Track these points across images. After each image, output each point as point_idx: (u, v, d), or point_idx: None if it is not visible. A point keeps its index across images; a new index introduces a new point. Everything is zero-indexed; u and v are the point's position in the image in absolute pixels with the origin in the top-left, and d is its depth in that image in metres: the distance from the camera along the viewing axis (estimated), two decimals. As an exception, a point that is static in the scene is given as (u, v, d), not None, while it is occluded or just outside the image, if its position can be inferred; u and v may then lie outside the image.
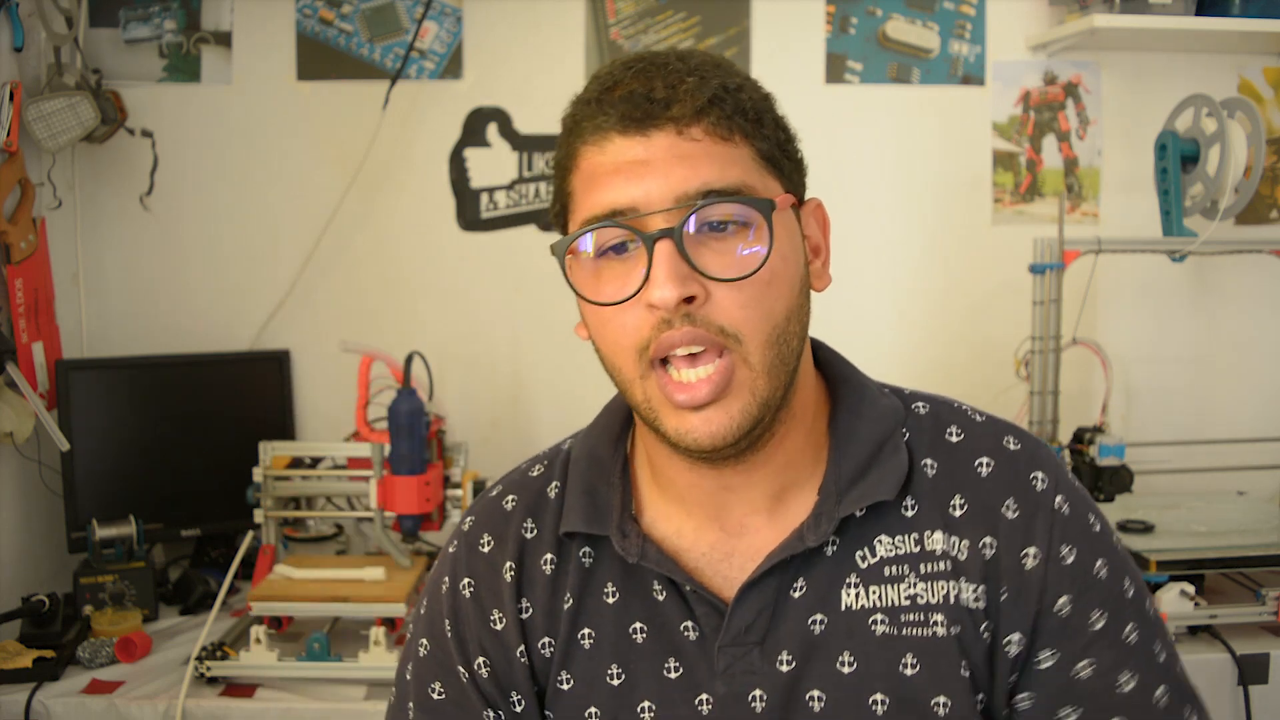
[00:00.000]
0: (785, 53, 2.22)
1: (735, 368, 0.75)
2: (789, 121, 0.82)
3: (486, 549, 0.89)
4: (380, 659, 1.57)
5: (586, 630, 0.84)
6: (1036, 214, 2.26)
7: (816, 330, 0.87)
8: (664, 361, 0.76)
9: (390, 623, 1.64)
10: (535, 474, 0.92)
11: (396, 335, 2.04)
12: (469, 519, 0.93)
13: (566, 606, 0.85)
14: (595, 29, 2.21)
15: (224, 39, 2.18)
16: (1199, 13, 2.08)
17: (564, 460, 0.91)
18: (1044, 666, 0.81)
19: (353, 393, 1.80)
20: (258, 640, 1.57)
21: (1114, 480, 1.83)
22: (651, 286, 0.73)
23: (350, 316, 2.20)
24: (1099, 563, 0.82)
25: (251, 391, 2.14)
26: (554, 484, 0.90)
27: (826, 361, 0.89)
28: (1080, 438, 1.87)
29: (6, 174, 1.86)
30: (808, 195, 0.85)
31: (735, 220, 0.75)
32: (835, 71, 2.23)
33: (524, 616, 0.86)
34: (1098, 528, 0.84)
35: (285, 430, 2.13)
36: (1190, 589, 1.65)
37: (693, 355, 0.75)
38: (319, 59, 2.19)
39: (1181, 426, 2.20)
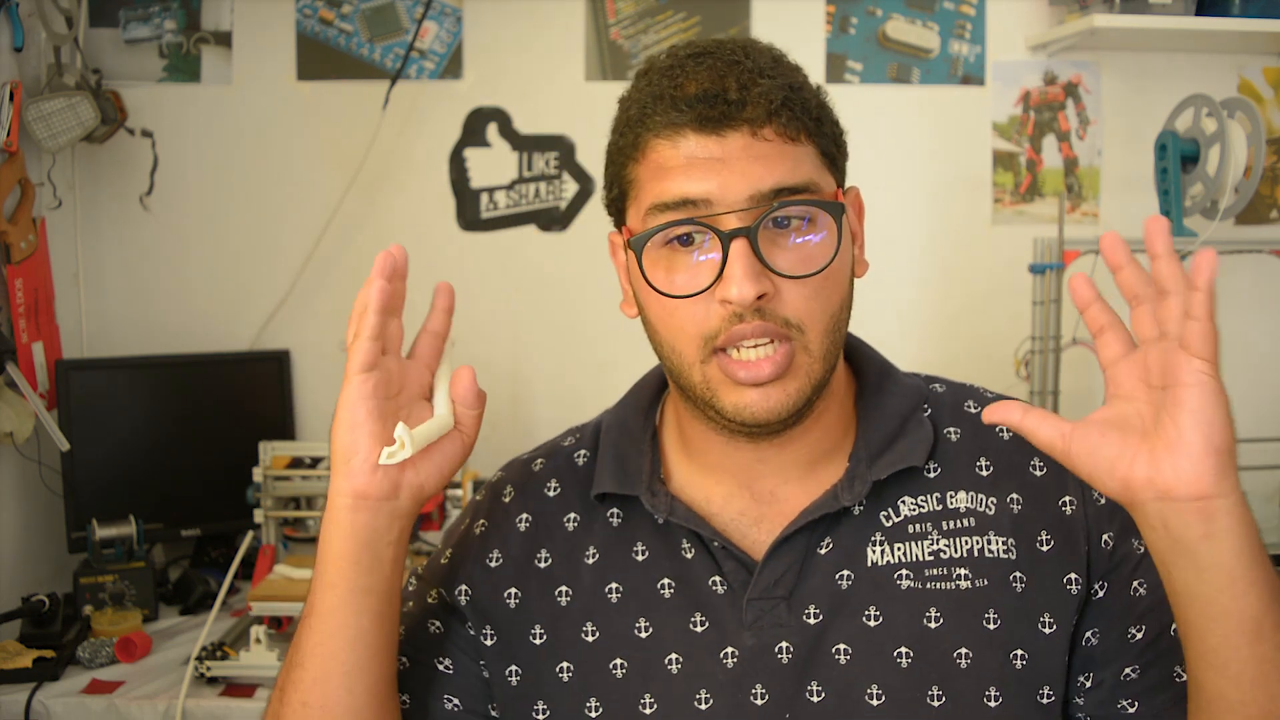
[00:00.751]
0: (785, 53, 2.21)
1: (796, 353, 0.79)
2: (837, 114, 0.85)
3: (507, 499, 0.93)
4: None
5: (614, 585, 0.86)
6: (1036, 214, 2.26)
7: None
8: (723, 349, 0.80)
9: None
10: (567, 443, 0.96)
11: (396, 335, 2.04)
12: (499, 473, 0.97)
13: (592, 561, 0.87)
14: (595, 29, 2.21)
15: (224, 39, 2.18)
16: (1199, 13, 2.08)
17: (595, 430, 0.95)
18: (1099, 596, 0.84)
19: (353, 393, 1.80)
20: (258, 640, 1.57)
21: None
22: (729, 284, 0.76)
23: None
24: (1122, 513, 0.83)
25: (251, 391, 2.14)
26: (583, 452, 0.94)
27: (853, 344, 0.93)
28: (1080, 438, 1.87)
29: (6, 174, 1.86)
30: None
31: (799, 216, 0.79)
32: (835, 71, 2.23)
33: (540, 565, 0.88)
34: None
35: (285, 430, 2.13)
36: (1190, 589, 1.64)
37: (756, 345, 0.79)
38: (319, 59, 2.19)
39: (1181, 426, 2.20)
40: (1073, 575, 0.83)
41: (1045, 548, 0.84)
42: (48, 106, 1.91)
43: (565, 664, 0.85)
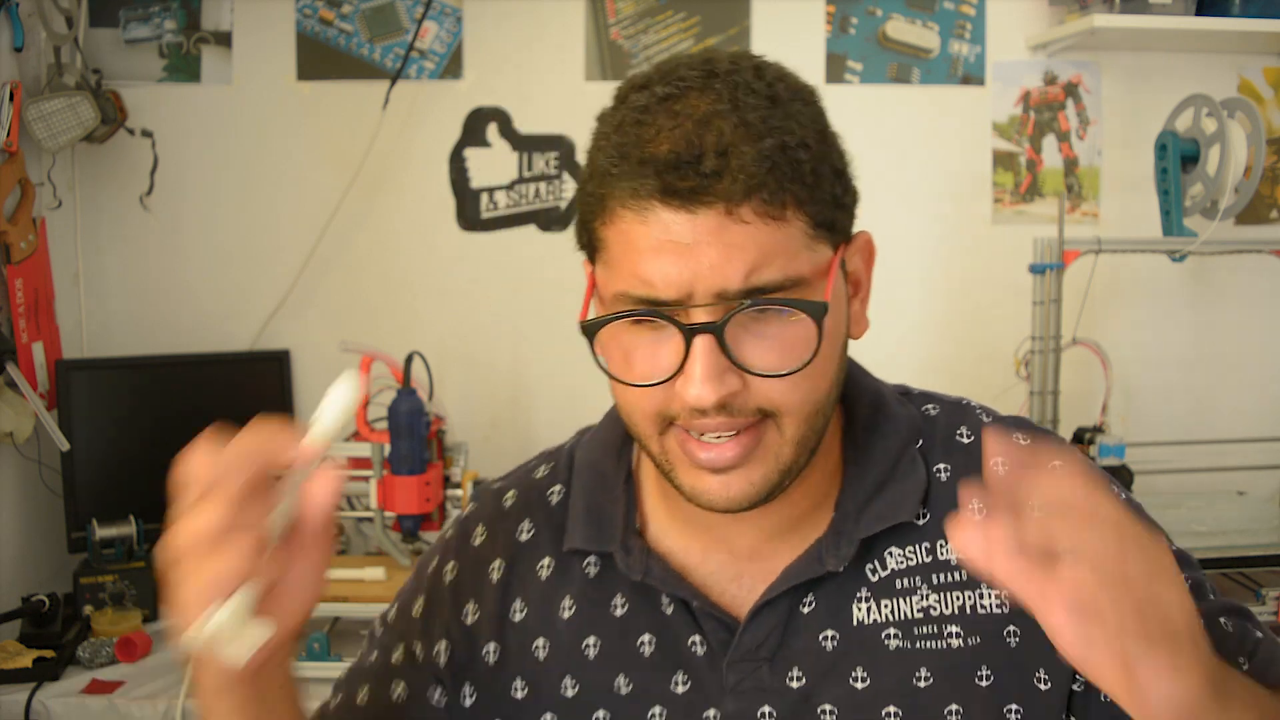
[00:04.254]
0: (785, 53, 2.17)
1: (765, 432, 0.72)
2: (843, 147, 0.76)
3: (478, 542, 0.88)
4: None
5: (592, 639, 0.82)
6: (1036, 214, 2.26)
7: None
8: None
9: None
10: (540, 475, 0.90)
11: (396, 335, 2.04)
12: (471, 506, 0.92)
13: (568, 615, 0.83)
14: (595, 29, 2.21)
15: (224, 39, 2.18)
16: (1199, 13, 2.08)
17: (568, 462, 0.89)
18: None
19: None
20: (258, 640, 1.57)
21: (1114, 480, 1.83)
22: (688, 383, 0.69)
23: (350, 316, 2.20)
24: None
25: (251, 391, 2.14)
26: (558, 487, 0.88)
27: (847, 375, 0.86)
28: (1080, 438, 1.88)
29: (6, 174, 1.86)
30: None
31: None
32: (835, 71, 2.23)
33: (515, 619, 0.84)
34: (1123, 496, 0.84)
35: (285, 430, 2.13)
36: (1190, 589, 1.65)
37: (720, 435, 0.72)
38: (319, 59, 2.19)
39: (1181, 426, 2.20)
40: (1027, 633, 0.77)
41: (1011, 606, 0.77)
42: (48, 106, 1.91)
43: (549, 715, 0.82)
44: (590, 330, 0.75)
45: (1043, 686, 0.77)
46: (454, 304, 2.22)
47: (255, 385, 2.14)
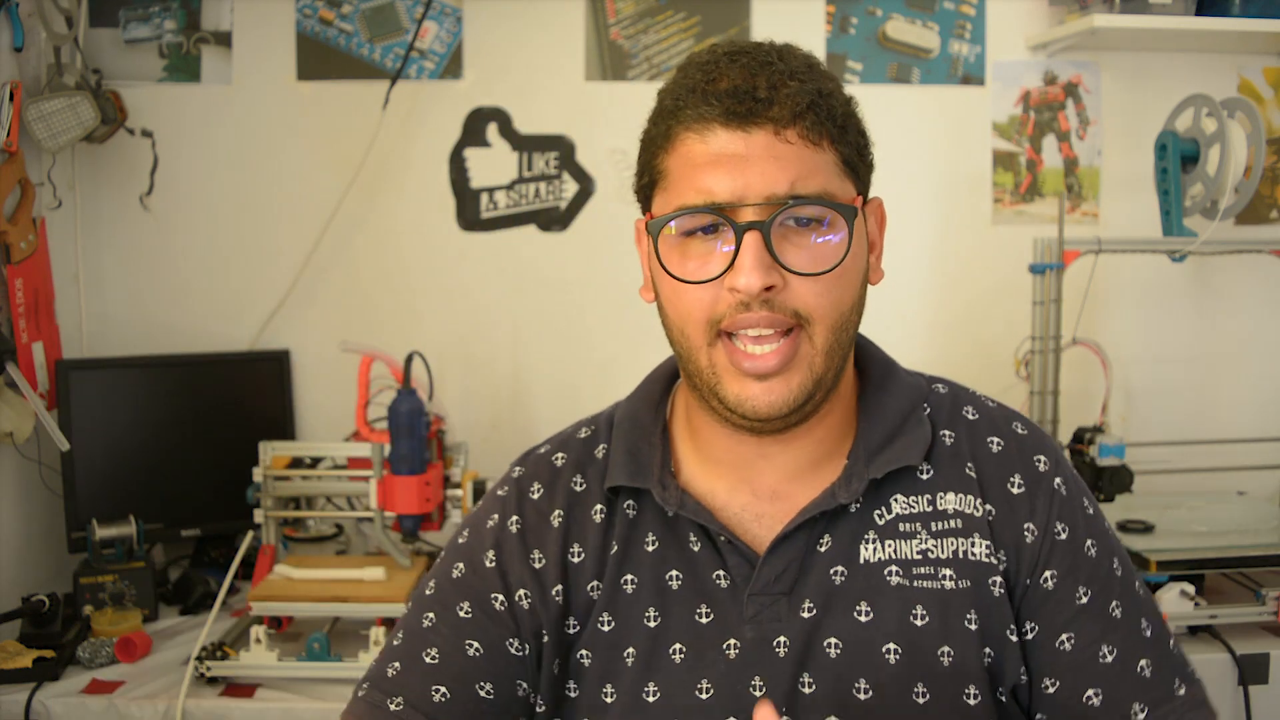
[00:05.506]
0: (785, 53, 2.21)
1: (800, 344, 0.82)
2: (865, 125, 0.89)
3: (536, 496, 0.94)
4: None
5: (629, 576, 0.89)
6: (1036, 214, 2.26)
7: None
8: (730, 335, 0.82)
9: (390, 623, 1.64)
10: (583, 435, 0.98)
11: (396, 335, 2.04)
12: (518, 469, 0.98)
13: (613, 553, 0.90)
14: (595, 29, 2.21)
15: (224, 39, 2.18)
16: (1199, 13, 2.08)
17: (608, 422, 0.97)
18: (1029, 639, 0.87)
19: (353, 393, 1.80)
20: (258, 640, 1.57)
21: (1114, 480, 1.83)
22: (738, 273, 0.79)
23: (350, 316, 2.20)
24: (1089, 542, 0.89)
25: (251, 391, 2.14)
26: (601, 445, 0.96)
27: (860, 347, 0.95)
28: (1080, 438, 1.88)
29: (6, 174, 1.86)
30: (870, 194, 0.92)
31: (817, 218, 0.82)
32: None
33: (574, 560, 0.90)
34: (1091, 511, 0.91)
35: (285, 430, 2.13)
36: (1190, 589, 1.65)
37: (760, 336, 0.81)
38: (319, 59, 2.19)
39: (1181, 426, 2.20)
40: (1006, 590, 0.87)
41: (1001, 565, 0.87)
42: (48, 106, 1.91)
43: (585, 652, 0.88)
44: (655, 229, 0.83)
45: (1012, 638, 0.86)
46: (454, 304, 2.22)
47: (255, 385, 2.14)
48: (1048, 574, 0.87)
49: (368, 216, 2.21)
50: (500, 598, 0.90)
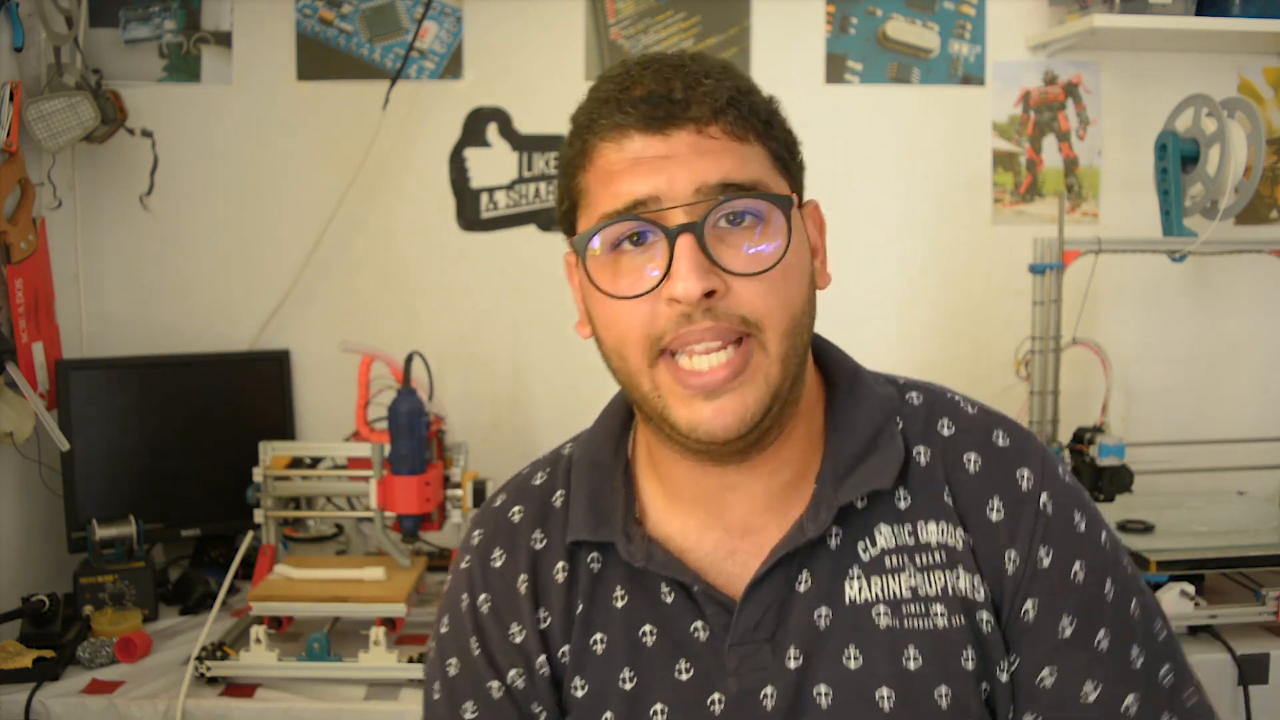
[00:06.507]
0: (785, 53, 2.22)
1: (752, 353, 0.76)
2: (790, 126, 0.83)
3: (499, 563, 0.89)
4: (380, 659, 1.56)
5: (598, 635, 0.84)
6: (1036, 214, 2.26)
7: (817, 331, 0.87)
8: (673, 353, 0.76)
9: (390, 623, 1.64)
10: (539, 481, 0.92)
11: (396, 335, 2.04)
12: (477, 533, 0.92)
13: (578, 612, 0.85)
14: (595, 29, 2.21)
15: (224, 39, 2.18)
16: (1199, 13, 2.08)
17: (565, 466, 0.91)
18: (1012, 671, 0.81)
19: (353, 393, 1.80)
20: (258, 640, 1.57)
21: (1114, 480, 1.83)
22: (674, 280, 0.73)
23: (350, 316, 2.20)
24: (1076, 565, 0.82)
25: (251, 391, 2.14)
26: (559, 492, 0.90)
27: (822, 351, 0.89)
28: (1080, 438, 1.87)
29: (6, 174, 1.86)
30: (807, 196, 0.86)
31: (752, 213, 0.76)
32: (835, 71, 2.23)
33: (543, 626, 0.86)
34: (1082, 527, 0.83)
35: (285, 430, 2.13)
36: (1190, 589, 1.65)
37: (708, 348, 0.75)
38: (319, 59, 2.19)
39: (1181, 426, 2.20)
40: (994, 622, 0.81)
41: (988, 597, 0.81)
42: (48, 106, 1.91)
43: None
44: (581, 245, 0.78)
45: (1002, 676, 0.81)
46: (454, 304, 2.22)
47: (255, 385, 2.14)
48: (1029, 604, 0.81)
49: (368, 216, 2.21)
50: (496, 684, 0.86)
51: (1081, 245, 1.89)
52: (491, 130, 2.22)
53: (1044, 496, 0.82)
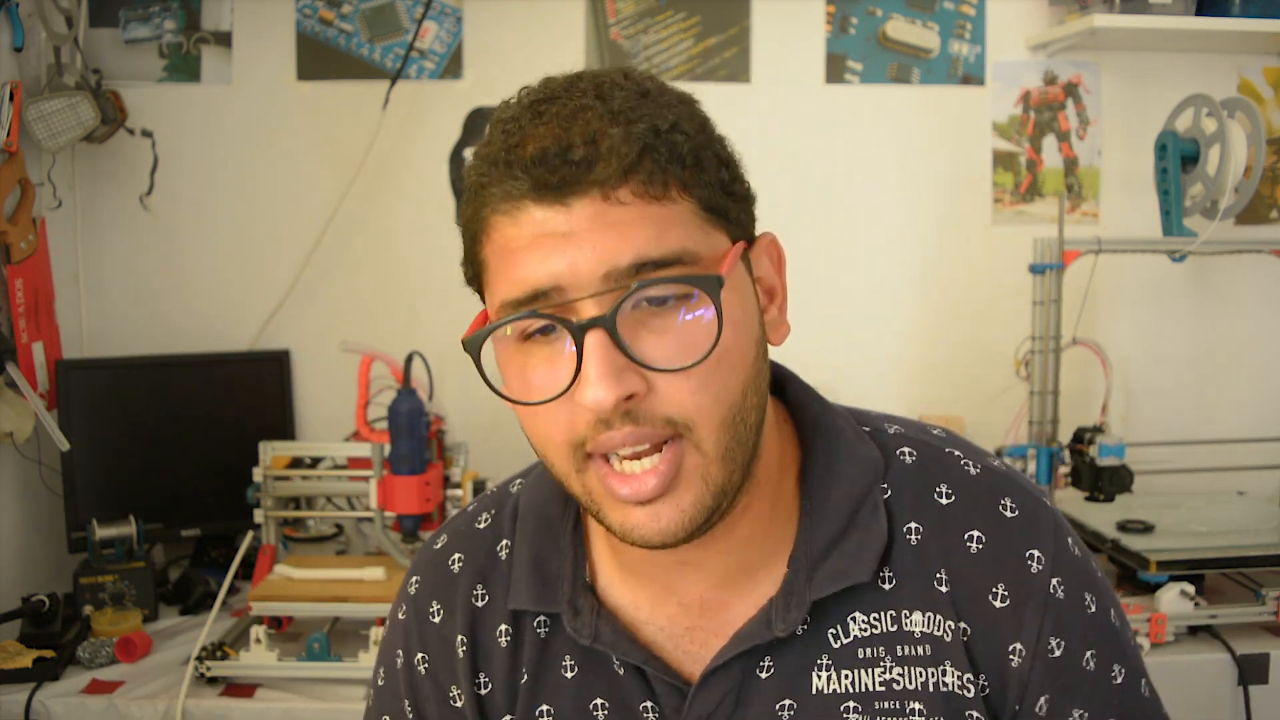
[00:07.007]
0: (785, 53, 2.22)
1: (685, 454, 0.66)
2: (731, 146, 0.71)
3: (437, 619, 0.82)
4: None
5: (545, 707, 0.78)
6: (1036, 214, 2.26)
7: (817, 333, 0.85)
8: (604, 455, 0.68)
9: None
10: (483, 525, 0.85)
11: (396, 335, 2.04)
12: (415, 579, 0.85)
13: (523, 682, 0.79)
14: (595, 29, 2.21)
15: (224, 39, 2.18)
16: (1199, 13, 2.08)
17: (513, 511, 0.83)
18: None
19: (353, 393, 1.80)
20: (258, 640, 1.57)
21: (1114, 480, 1.83)
22: (584, 387, 0.63)
23: (350, 316, 2.20)
24: (1088, 655, 0.75)
25: (251, 391, 2.14)
26: (504, 543, 0.82)
27: (797, 403, 0.79)
28: (1080, 438, 1.87)
29: (6, 174, 1.86)
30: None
31: (674, 296, 0.65)
32: (835, 71, 2.23)
33: (482, 693, 0.80)
34: (1093, 608, 0.76)
35: (285, 430, 2.13)
36: (1190, 589, 1.65)
37: (636, 452, 0.67)
38: (319, 59, 2.19)
39: (1181, 426, 2.20)
40: None
41: (986, 692, 0.74)
42: (48, 106, 1.91)
43: None
44: (473, 347, 0.69)
45: None
46: (454, 304, 2.20)
47: (255, 385, 2.14)
48: (1042, 700, 0.73)
49: (368, 216, 2.21)
50: None
51: (1081, 245, 1.89)
52: (491, 130, 2.21)
53: (1054, 582, 0.74)
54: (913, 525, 0.75)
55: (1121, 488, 1.84)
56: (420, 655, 0.83)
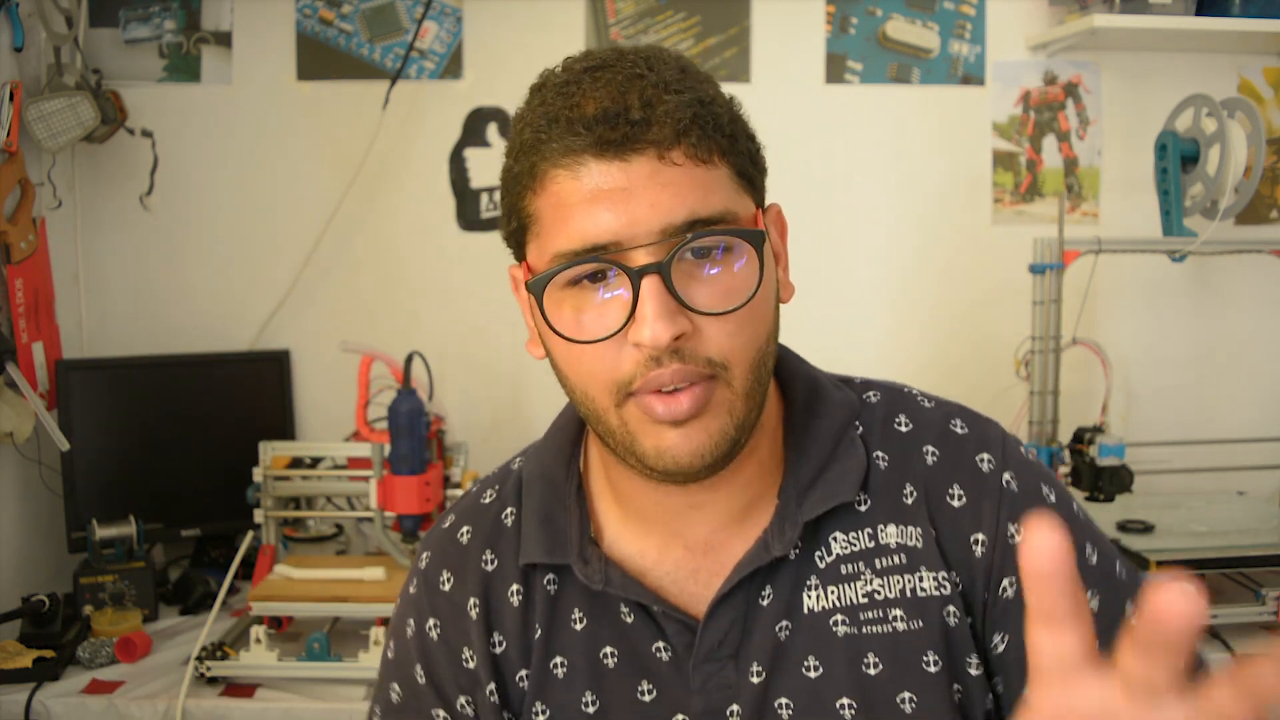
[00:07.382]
0: (785, 53, 2.22)
1: (716, 389, 0.73)
2: (750, 122, 0.78)
3: (447, 587, 0.86)
4: (380, 659, 1.56)
5: (558, 659, 0.82)
6: (1036, 214, 2.26)
7: (817, 333, 0.87)
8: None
9: (390, 623, 1.63)
10: (488, 500, 0.89)
11: (396, 335, 2.04)
12: (425, 555, 0.89)
13: (537, 637, 0.83)
14: (595, 29, 2.21)
15: (224, 39, 2.18)
16: (1199, 13, 2.08)
17: (516, 483, 0.88)
18: (999, 652, 0.79)
19: (353, 393, 1.80)
20: (258, 640, 1.57)
21: (1114, 480, 1.83)
22: (641, 326, 0.69)
23: (350, 316, 2.20)
24: None
25: (251, 391, 2.14)
26: (509, 510, 0.87)
27: (780, 361, 0.85)
28: (1080, 438, 1.88)
29: (6, 174, 1.86)
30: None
31: (721, 247, 0.72)
32: (835, 71, 2.23)
33: (497, 651, 0.83)
34: (1052, 498, 0.82)
35: (285, 430, 2.13)
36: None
37: (675, 388, 0.72)
38: (319, 59, 2.19)
39: (1181, 426, 2.20)
40: (970, 620, 0.79)
41: (959, 587, 0.79)
42: (48, 106, 1.91)
43: None
44: (538, 288, 0.73)
45: (973, 671, 0.79)
46: (454, 304, 2.22)
47: (255, 385, 2.14)
48: (1005, 582, 0.79)
49: (368, 216, 2.21)
50: (442, 714, 0.84)
51: (1081, 245, 1.89)
52: (491, 130, 2.22)
53: (1007, 476, 0.81)
54: (879, 454, 0.83)
55: (1121, 488, 1.84)
56: (432, 622, 0.86)
